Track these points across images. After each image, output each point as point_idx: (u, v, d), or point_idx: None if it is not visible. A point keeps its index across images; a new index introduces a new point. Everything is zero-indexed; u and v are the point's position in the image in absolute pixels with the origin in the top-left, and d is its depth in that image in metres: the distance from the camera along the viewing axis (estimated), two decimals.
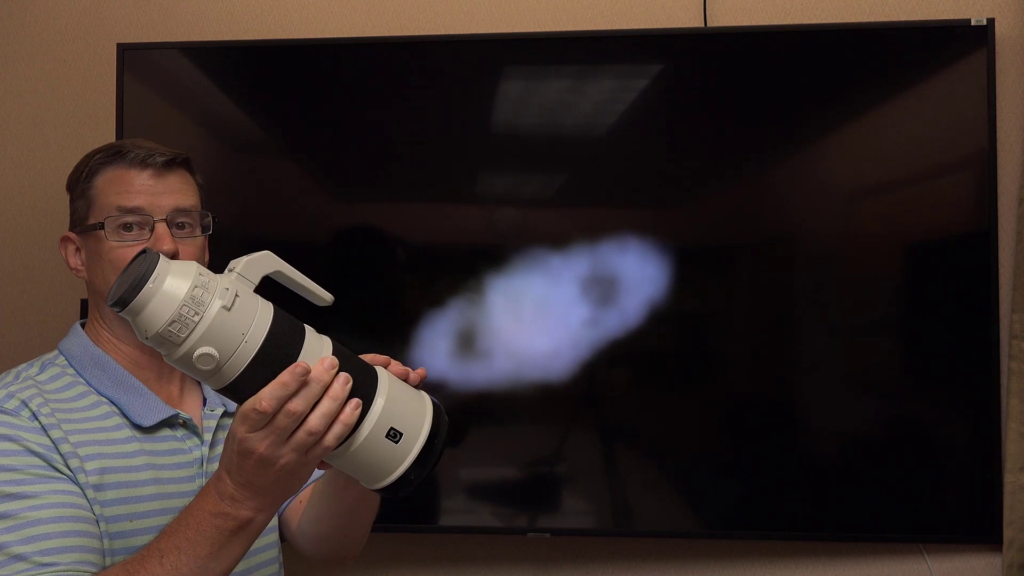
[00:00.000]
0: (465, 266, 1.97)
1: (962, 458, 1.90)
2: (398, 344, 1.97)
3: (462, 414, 1.98)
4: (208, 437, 1.32)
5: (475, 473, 2.00)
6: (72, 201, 1.33)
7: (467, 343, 1.96)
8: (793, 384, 1.96)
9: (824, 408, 1.94)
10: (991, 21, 1.89)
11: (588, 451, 1.97)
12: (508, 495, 2.00)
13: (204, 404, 1.36)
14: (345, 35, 2.12)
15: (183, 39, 2.15)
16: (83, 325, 1.35)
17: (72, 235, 1.33)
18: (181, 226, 1.30)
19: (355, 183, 2.03)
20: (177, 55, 2.05)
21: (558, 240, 1.95)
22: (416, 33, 2.10)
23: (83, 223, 1.30)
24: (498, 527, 2.01)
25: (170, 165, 1.30)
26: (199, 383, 1.39)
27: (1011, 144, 1.95)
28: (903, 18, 2.00)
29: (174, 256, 1.25)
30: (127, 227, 1.26)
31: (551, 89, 1.98)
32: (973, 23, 1.88)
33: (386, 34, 2.11)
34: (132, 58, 2.03)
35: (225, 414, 1.37)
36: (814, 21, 2.02)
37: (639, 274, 1.93)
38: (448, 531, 2.04)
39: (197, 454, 1.30)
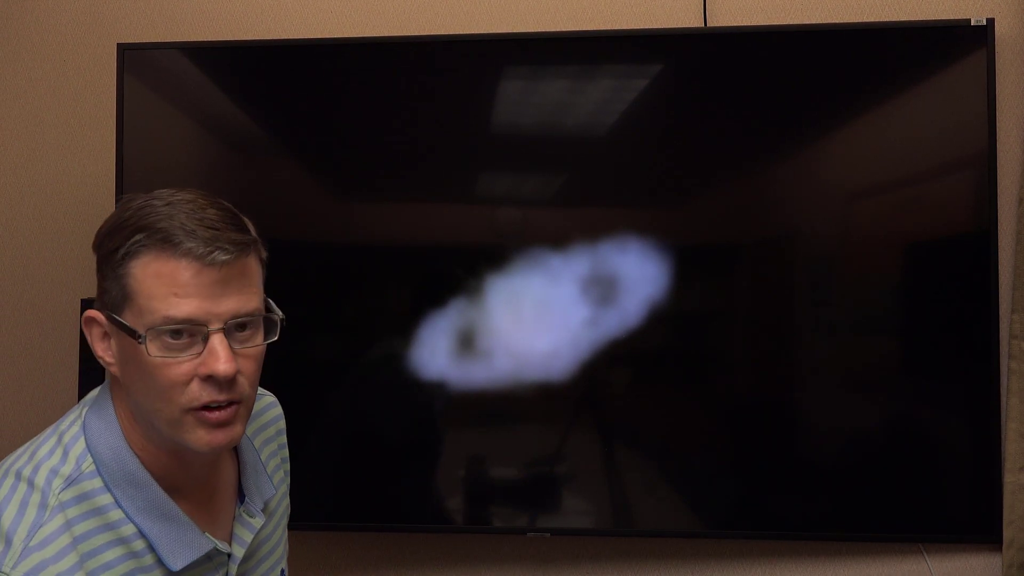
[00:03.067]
0: (465, 266, 1.97)
1: (962, 458, 1.90)
2: (398, 344, 1.97)
3: (462, 414, 1.98)
4: (240, 553, 1.16)
5: (475, 473, 2.00)
6: (101, 273, 1.06)
7: (467, 343, 1.96)
8: (793, 384, 1.96)
9: (824, 408, 1.94)
10: (991, 21, 1.89)
11: (588, 451, 1.97)
12: (508, 495, 2.00)
13: (241, 500, 1.19)
14: (345, 35, 2.12)
15: (183, 39, 2.15)
16: (113, 403, 1.11)
17: (100, 318, 1.07)
18: (241, 328, 1.06)
19: (355, 183, 2.03)
20: (177, 55, 2.05)
21: (558, 240, 1.95)
22: (416, 33, 2.10)
23: (117, 312, 1.04)
24: (498, 527, 2.01)
25: (235, 260, 1.04)
26: (237, 468, 1.22)
27: (1011, 144, 1.95)
28: (903, 18, 2.00)
29: (232, 380, 1.04)
30: (175, 334, 1.02)
31: (551, 89, 1.98)
32: (973, 23, 1.88)
33: (386, 34, 2.11)
34: (132, 58, 2.03)
35: (265, 515, 1.22)
36: (814, 21, 2.02)
37: (639, 274, 1.93)
38: (448, 531, 2.04)
39: (223, 572, 1.15)
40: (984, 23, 1.88)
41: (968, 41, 1.88)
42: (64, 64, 2.20)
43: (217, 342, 1.02)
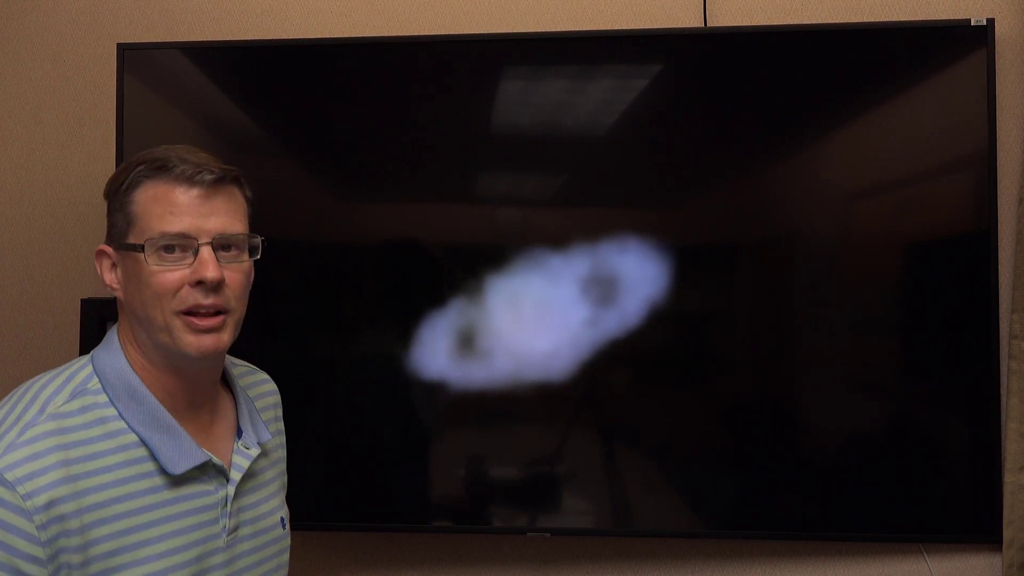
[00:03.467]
0: (465, 266, 1.97)
1: (962, 458, 1.90)
2: (398, 344, 1.97)
3: (462, 414, 1.99)
4: (237, 477, 1.26)
5: (475, 473, 2.00)
6: (110, 213, 1.23)
7: (467, 343, 1.96)
8: (793, 384, 1.96)
9: (824, 408, 1.94)
10: (991, 21, 1.89)
11: (588, 451, 1.97)
12: (508, 495, 2.00)
13: (239, 436, 1.30)
14: (345, 35, 2.12)
15: (183, 39, 2.15)
16: (119, 336, 1.26)
17: (108, 249, 1.23)
18: (227, 248, 1.21)
19: (355, 183, 2.03)
20: (177, 55, 2.05)
21: (558, 240, 1.95)
22: (416, 33, 2.10)
23: (121, 239, 1.21)
24: (498, 527, 2.01)
25: (220, 183, 1.21)
26: (233, 402, 1.34)
27: (1011, 144, 1.95)
28: (903, 18, 2.00)
29: (219, 284, 1.19)
30: (169, 248, 1.17)
31: (551, 89, 1.98)
32: (973, 23, 1.88)
33: (386, 34, 2.11)
34: (132, 58, 2.03)
35: (262, 455, 1.32)
36: (814, 21, 2.02)
37: (639, 274, 1.93)
38: (448, 531, 2.04)
39: (222, 493, 1.24)
40: (984, 23, 1.88)
41: (968, 41, 1.88)
42: (64, 64, 2.20)
43: (206, 253, 1.18)
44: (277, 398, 1.47)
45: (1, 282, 2.21)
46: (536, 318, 1.95)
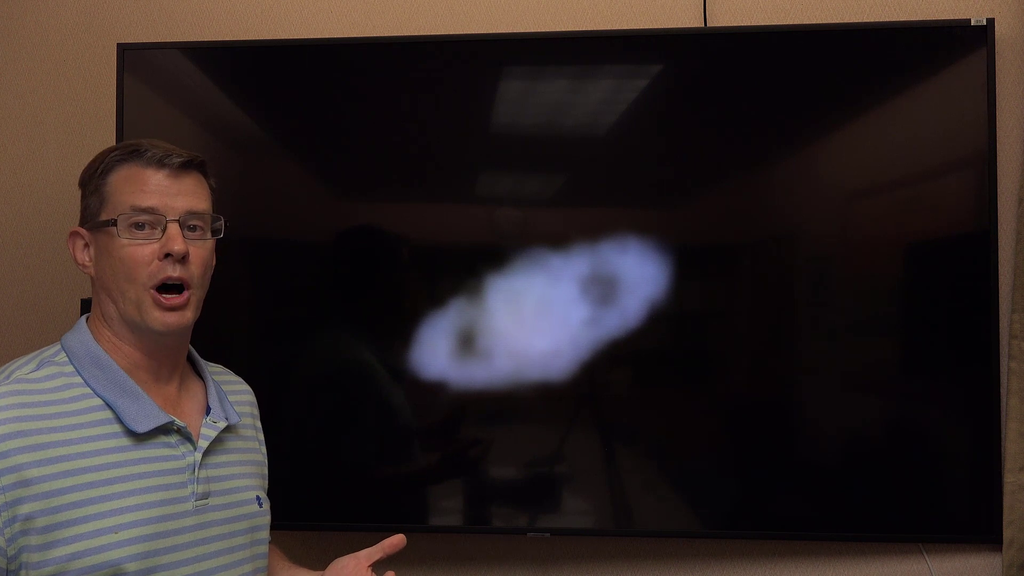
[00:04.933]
0: (465, 266, 1.97)
1: (962, 458, 1.90)
2: (398, 344, 1.97)
3: (462, 414, 1.99)
4: (204, 444, 1.32)
5: (475, 473, 2.00)
6: (84, 197, 1.34)
7: (467, 343, 1.96)
8: (793, 384, 1.96)
9: (824, 408, 1.94)
10: (991, 21, 1.89)
11: (588, 451, 1.97)
12: (508, 495, 2.00)
13: (208, 413, 1.36)
14: (345, 35, 2.12)
15: (183, 39, 2.15)
16: (87, 320, 1.35)
17: (82, 230, 1.33)
18: (192, 228, 1.32)
19: (355, 183, 2.03)
20: (177, 55, 2.05)
21: (558, 240, 1.95)
22: (416, 33, 2.10)
23: (95, 219, 1.31)
24: (498, 527, 2.01)
25: (186, 167, 1.32)
26: (203, 385, 1.40)
27: (1011, 144, 1.95)
28: (903, 18, 2.00)
29: (184, 257, 1.28)
30: (139, 226, 1.28)
31: (551, 89, 1.98)
32: (973, 23, 1.88)
33: (386, 34, 2.11)
34: (132, 58, 2.03)
35: (228, 428, 1.38)
36: (814, 21, 2.02)
37: (639, 274, 1.93)
38: (448, 531, 2.04)
39: (190, 459, 1.30)
40: (984, 23, 1.88)
41: (968, 41, 1.88)
42: (64, 64, 2.20)
43: (173, 229, 1.28)
44: (252, 398, 1.54)
45: (1, 282, 2.21)
46: (536, 318, 1.95)
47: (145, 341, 1.31)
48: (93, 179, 1.32)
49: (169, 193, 1.29)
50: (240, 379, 1.54)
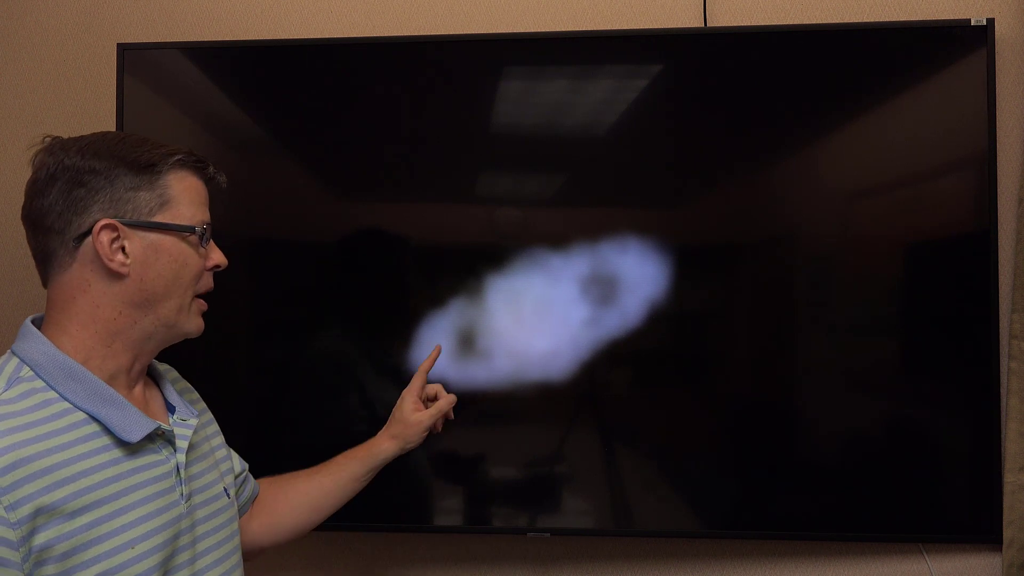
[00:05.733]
0: (465, 266, 1.97)
1: (962, 458, 1.90)
2: (398, 344, 1.97)
3: (462, 414, 1.99)
4: (183, 445, 1.31)
5: (475, 473, 2.00)
6: (128, 188, 1.24)
7: (467, 343, 1.96)
8: (793, 384, 1.96)
9: (824, 408, 1.94)
10: (991, 21, 1.89)
11: (588, 451, 1.97)
12: (508, 495, 2.00)
13: (172, 412, 1.36)
14: (345, 35, 2.12)
15: (183, 39, 2.15)
16: (35, 323, 1.26)
17: (118, 224, 1.23)
18: None
19: (355, 183, 2.03)
20: (177, 55, 2.05)
21: (558, 240, 1.95)
22: (416, 33, 2.10)
23: (146, 216, 1.25)
24: (498, 527, 2.01)
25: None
26: (157, 386, 1.38)
27: (1011, 144, 1.95)
28: (903, 18, 2.00)
29: (222, 268, 1.36)
30: (206, 238, 1.33)
31: (551, 89, 1.98)
32: (973, 23, 1.88)
33: (386, 34, 2.11)
34: (132, 58, 2.03)
35: (198, 429, 1.38)
36: (814, 21, 2.02)
37: (639, 274, 1.93)
38: (448, 531, 2.04)
39: (173, 462, 1.29)
40: (984, 23, 1.88)
41: (968, 41, 1.88)
42: (64, 64, 2.20)
43: (214, 243, 1.35)
44: (184, 380, 1.50)
45: (1, 282, 2.21)
46: (536, 318, 1.95)
47: (148, 347, 1.29)
48: (144, 172, 1.24)
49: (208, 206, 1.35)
50: (158, 360, 1.46)
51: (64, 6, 2.20)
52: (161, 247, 1.26)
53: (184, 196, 1.29)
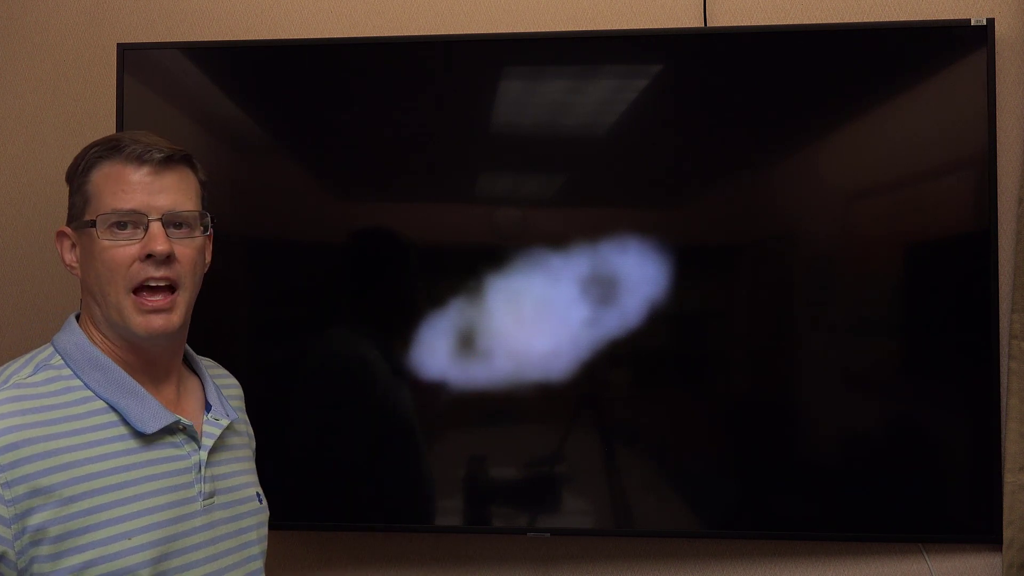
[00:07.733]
0: (465, 266, 1.97)
1: (962, 458, 1.90)
2: (399, 344, 1.97)
3: (462, 414, 1.99)
4: (208, 443, 1.31)
5: (475, 473, 2.00)
6: (70, 195, 1.29)
7: (467, 343, 1.96)
8: (793, 384, 1.96)
9: (824, 408, 1.94)
10: (991, 21, 1.89)
11: (588, 451, 1.97)
12: (508, 495, 2.00)
13: (208, 410, 1.35)
14: (345, 35, 2.12)
15: (183, 39, 2.15)
16: (78, 317, 1.32)
17: (67, 230, 1.29)
18: (178, 226, 1.26)
19: (355, 183, 2.03)
20: (177, 55, 2.05)
21: (558, 240, 1.95)
22: (416, 33, 2.10)
23: (78, 219, 1.27)
24: (498, 527, 2.01)
25: (168, 162, 1.25)
26: (201, 385, 1.39)
27: (1011, 144, 1.95)
28: (903, 18, 2.00)
29: (169, 257, 1.23)
30: (121, 225, 1.23)
31: (551, 89, 1.98)
32: (973, 23, 1.88)
33: (386, 34, 2.11)
34: (132, 58, 2.03)
35: (232, 430, 1.37)
36: (814, 21, 2.02)
37: (639, 274, 1.93)
38: (448, 531, 2.04)
39: (195, 459, 1.29)
40: (984, 23, 1.88)
41: (968, 41, 1.88)
42: (64, 64, 2.20)
43: (155, 228, 1.23)
44: (240, 391, 1.53)
45: (1, 282, 2.21)
46: (536, 318, 1.95)
47: (136, 344, 1.28)
48: (76, 176, 1.28)
49: (151, 191, 1.23)
50: (227, 372, 1.53)
51: (64, 6, 2.20)
52: (84, 245, 1.26)
53: (105, 188, 1.24)
